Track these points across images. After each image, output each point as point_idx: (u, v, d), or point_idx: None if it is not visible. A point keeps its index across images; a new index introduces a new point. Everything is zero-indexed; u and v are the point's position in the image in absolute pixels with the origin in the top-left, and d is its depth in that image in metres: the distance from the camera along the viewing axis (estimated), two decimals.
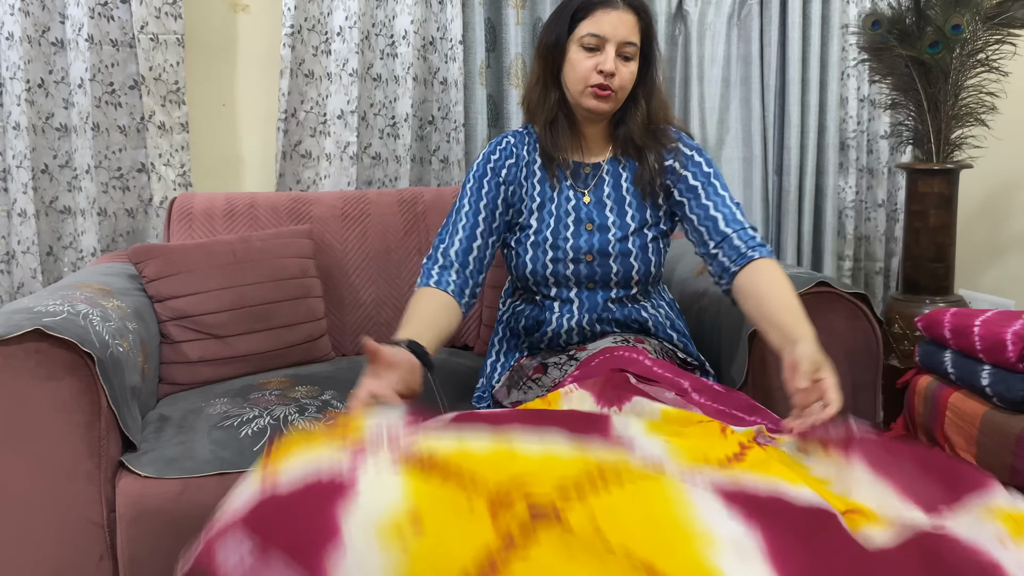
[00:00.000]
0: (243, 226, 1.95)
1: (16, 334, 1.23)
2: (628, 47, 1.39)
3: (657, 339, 1.51)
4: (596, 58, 1.38)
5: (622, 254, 1.45)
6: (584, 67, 1.39)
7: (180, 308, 1.66)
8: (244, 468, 1.33)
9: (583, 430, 0.85)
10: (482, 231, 1.44)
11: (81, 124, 2.11)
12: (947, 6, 2.19)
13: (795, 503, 0.81)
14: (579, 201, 1.48)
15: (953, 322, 1.41)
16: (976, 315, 1.40)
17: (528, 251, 1.47)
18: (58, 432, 1.26)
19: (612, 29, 1.37)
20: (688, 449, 0.92)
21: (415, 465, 0.75)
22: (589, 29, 1.39)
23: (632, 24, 1.39)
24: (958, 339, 1.39)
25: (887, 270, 2.87)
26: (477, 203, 1.46)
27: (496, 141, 1.54)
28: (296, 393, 1.55)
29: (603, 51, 1.38)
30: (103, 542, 1.30)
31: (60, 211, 2.17)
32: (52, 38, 2.11)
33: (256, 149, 2.40)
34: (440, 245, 1.43)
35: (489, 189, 1.47)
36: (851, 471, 0.95)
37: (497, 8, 2.46)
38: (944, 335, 1.43)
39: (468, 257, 1.42)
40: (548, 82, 1.46)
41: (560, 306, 1.48)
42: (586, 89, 1.40)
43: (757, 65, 2.64)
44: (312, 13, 2.27)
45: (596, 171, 1.50)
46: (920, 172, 2.32)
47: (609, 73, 1.38)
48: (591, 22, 1.39)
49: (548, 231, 1.46)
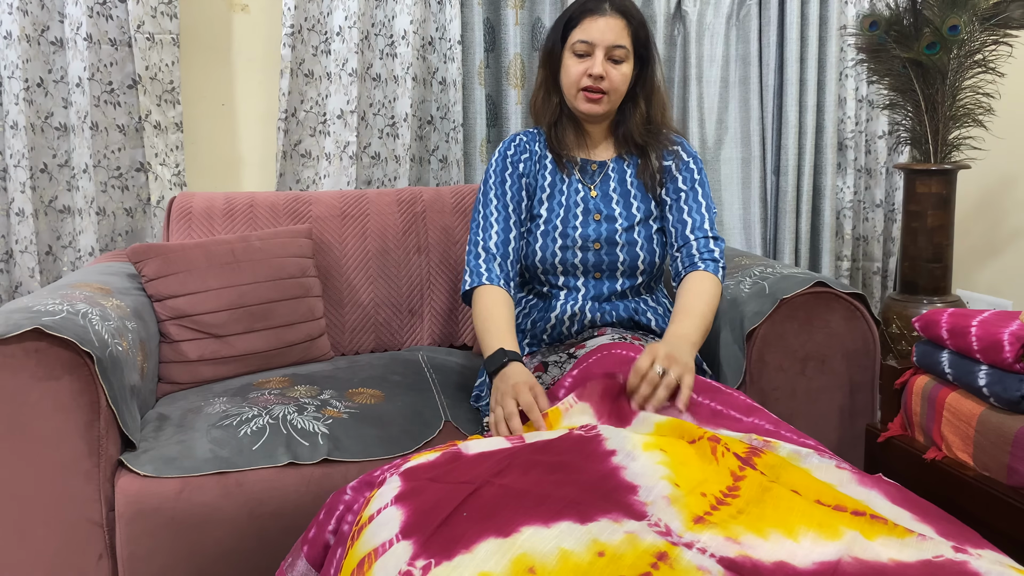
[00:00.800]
0: (242, 225, 1.95)
1: (15, 333, 1.23)
2: (617, 50, 1.49)
3: (657, 337, 1.52)
4: (586, 63, 1.49)
5: (628, 243, 1.54)
6: (575, 72, 1.50)
7: (179, 307, 1.66)
8: (243, 467, 1.33)
9: (592, 513, 0.86)
10: (514, 221, 1.55)
11: (80, 123, 2.11)
12: (944, 7, 2.19)
13: (799, 569, 0.81)
14: (587, 194, 1.57)
15: (950, 323, 1.42)
16: (973, 315, 1.40)
17: (538, 239, 1.55)
18: (57, 431, 1.26)
19: (600, 35, 1.48)
20: (686, 482, 0.94)
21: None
22: (579, 36, 1.49)
23: (620, 28, 1.49)
24: (955, 340, 1.40)
25: (885, 270, 2.88)
26: (504, 196, 1.56)
27: (510, 139, 1.64)
28: (295, 392, 1.55)
29: (593, 56, 1.49)
30: (102, 541, 1.30)
31: (59, 210, 2.17)
32: (51, 37, 2.11)
33: (255, 149, 2.40)
34: (479, 240, 1.53)
35: (512, 182, 1.58)
36: (869, 497, 0.95)
37: (496, 8, 2.47)
38: (941, 335, 1.43)
39: (507, 248, 1.53)
40: (550, 87, 1.58)
41: (566, 294, 1.55)
42: (578, 93, 1.51)
43: (756, 65, 2.65)
44: (312, 13, 2.27)
45: (602, 168, 1.60)
46: (918, 173, 2.33)
47: (597, 76, 1.48)
48: (581, 30, 1.50)
49: (558, 219, 1.55)
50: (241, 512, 1.32)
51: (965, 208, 2.71)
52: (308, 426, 1.41)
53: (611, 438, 1.05)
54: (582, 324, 1.54)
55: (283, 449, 1.36)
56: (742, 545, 0.84)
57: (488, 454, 1.03)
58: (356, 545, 0.91)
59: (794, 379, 1.54)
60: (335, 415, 1.45)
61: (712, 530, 0.86)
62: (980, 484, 1.32)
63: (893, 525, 0.87)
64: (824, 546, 0.83)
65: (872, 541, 0.84)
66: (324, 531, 1.05)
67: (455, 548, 0.82)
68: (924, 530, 0.87)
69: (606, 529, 0.84)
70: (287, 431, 1.39)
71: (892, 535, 0.85)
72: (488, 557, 0.80)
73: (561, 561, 0.79)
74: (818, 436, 1.42)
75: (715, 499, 0.93)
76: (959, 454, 1.39)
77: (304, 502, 1.33)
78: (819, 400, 1.55)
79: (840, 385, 1.56)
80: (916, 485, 1.42)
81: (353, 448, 1.39)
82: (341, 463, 1.37)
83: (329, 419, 1.44)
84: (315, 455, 1.36)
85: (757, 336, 1.51)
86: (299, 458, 1.35)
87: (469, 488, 0.93)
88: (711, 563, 0.80)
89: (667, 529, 0.85)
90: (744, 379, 1.53)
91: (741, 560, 0.81)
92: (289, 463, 1.35)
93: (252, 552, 1.33)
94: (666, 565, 0.79)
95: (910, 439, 1.51)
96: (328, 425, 1.42)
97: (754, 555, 0.82)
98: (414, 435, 1.45)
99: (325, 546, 1.05)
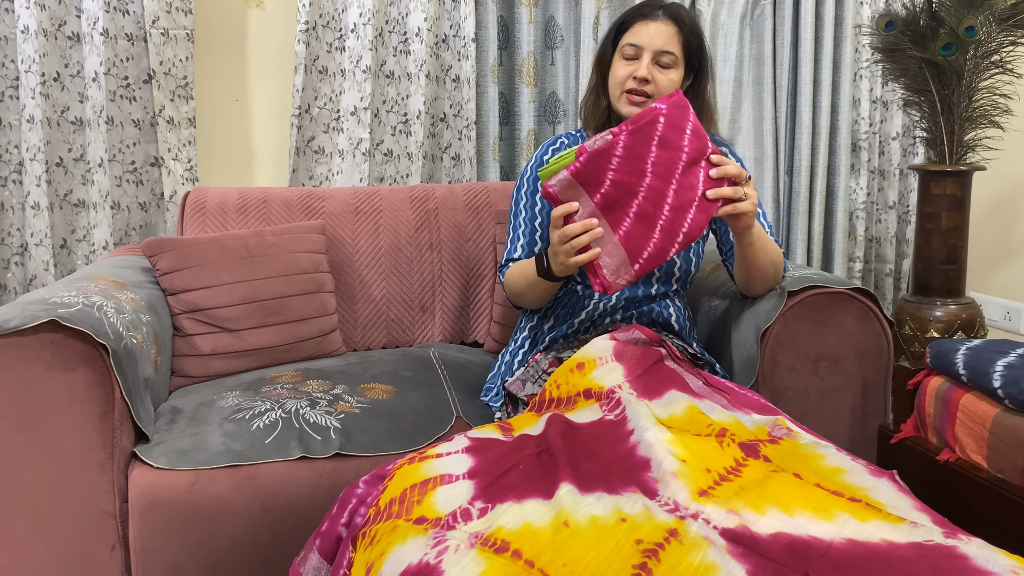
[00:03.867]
0: (256, 221, 1.96)
1: (32, 324, 1.24)
2: (665, 56, 1.49)
3: (681, 339, 1.56)
4: (633, 66, 1.50)
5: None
6: (621, 74, 1.51)
7: (193, 301, 1.67)
8: (255, 460, 1.34)
9: (617, 486, 0.98)
10: (541, 235, 1.58)
11: (95, 118, 2.12)
12: (961, 8, 2.18)
13: (795, 536, 0.87)
14: None
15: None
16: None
17: None
18: (72, 423, 1.27)
19: (649, 39, 1.48)
20: (693, 457, 1.01)
21: (488, 549, 0.87)
22: (628, 40, 1.51)
23: (670, 34, 1.49)
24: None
25: (898, 272, 2.87)
26: (532, 208, 1.59)
27: (550, 142, 1.64)
28: (307, 387, 1.56)
29: (640, 59, 1.49)
30: (115, 532, 1.31)
31: (74, 204, 2.18)
32: (68, 32, 2.12)
33: (269, 144, 2.41)
34: (510, 254, 1.59)
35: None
36: (877, 485, 0.98)
37: (510, 6, 2.47)
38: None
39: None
40: (600, 91, 1.58)
41: (600, 293, 1.54)
42: (622, 95, 1.51)
43: (770, 65, 2.64)
44: (327, 10, 2.27)
45: None
46: (933, 174, 2.31)
47: (642, 79, 1.48)
48: (631, 33, 1.51)
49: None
50: (253, 505, 1.32)
51: (980, 210, 2.69)
52: (320, 420, 1.42)
53: (631, 418, 1.12)
54: (613, 319, 1.55)
55: (295, 443, 1.37)
56: (742, 517, 0.90)
57: (533, 437, 1.14)
58: (419, 467, 1.05)
59: (807, 379, 1.53)
60: (347, 410, 1.46)
61: (715, 503, 0.93)
62: (994, 486, 1.31)
63: (887, 513, 0.90)
64: (818, 525, 0.88)
65: (865, 523, 0.88)
66: (336, 524, 1.06)
67: (508, 497, 0.96)
68: (920, 518, 0.90)
69: (628, 501, 0.95)
70: (299, 425, 1.40)
71: (885, 521, 0.88)
72: (533, 511, 0.93)
73: (591, 522, 0.90)
74: (830, 436, 1.42)
75: (719, 475, 1.00)
76: (973, 456, 1.38)
77: (316, 496, 1.34)
78: (832, 400, 1.55)
79: (853, 386, 1.55)
80: (929, 487, 1.42)
81: (365, 443, 1.39)
82: (353, 457, 1.38)
83: (341, 414, 1.44)
84: (327, 449, 1.37)
85: (770, 336, 1.51)
86: (311, 452, 1.36)
87: (523, 454, 1.06)
88: (714, 534, 0.87)
89: (675, 505, 0.93)
90: (757, 379, 1.52)
91: (741, 530, 0.88)
92: (301, 457, 1.35)
93: (263, 545, 1.33)
94: (676, 541, 0.87)
95: (923, 440, 1.50)
96: (340, 420, 1.42)
97: (753, 528, 0.88)
98: (426, 430, 1.45)
99: (337, 539, 1.05)
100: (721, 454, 1.05)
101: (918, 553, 0.82)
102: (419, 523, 0.93)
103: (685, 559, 0.84)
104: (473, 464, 1.05)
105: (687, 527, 0.89)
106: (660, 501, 0.94)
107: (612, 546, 0.87)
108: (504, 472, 1.02)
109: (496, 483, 0.99)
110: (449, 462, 1.06)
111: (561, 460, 1.03)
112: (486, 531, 0.90)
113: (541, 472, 1.02)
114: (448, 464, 1.05)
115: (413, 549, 0.88)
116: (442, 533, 0.89)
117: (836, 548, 0.84)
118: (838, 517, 0.89)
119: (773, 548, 0.85)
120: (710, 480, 0.98)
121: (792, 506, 0.91)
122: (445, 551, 0.86)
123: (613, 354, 1.30)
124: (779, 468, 1.02)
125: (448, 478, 1.01)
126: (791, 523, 0.89)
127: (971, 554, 0.81)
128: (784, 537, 0.87)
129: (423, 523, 0.92)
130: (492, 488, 0.98)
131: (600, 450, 1.07)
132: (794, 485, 0.97)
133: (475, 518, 0.93)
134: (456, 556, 0.85)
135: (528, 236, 1.58)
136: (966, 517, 1.34)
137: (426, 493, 0.98)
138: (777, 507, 0.91)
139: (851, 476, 1.00)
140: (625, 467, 1.02)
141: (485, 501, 0.96)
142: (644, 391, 1.21)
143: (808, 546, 0.85)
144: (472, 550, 0.86)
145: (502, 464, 1.04)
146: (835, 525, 0.88)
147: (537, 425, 1.17)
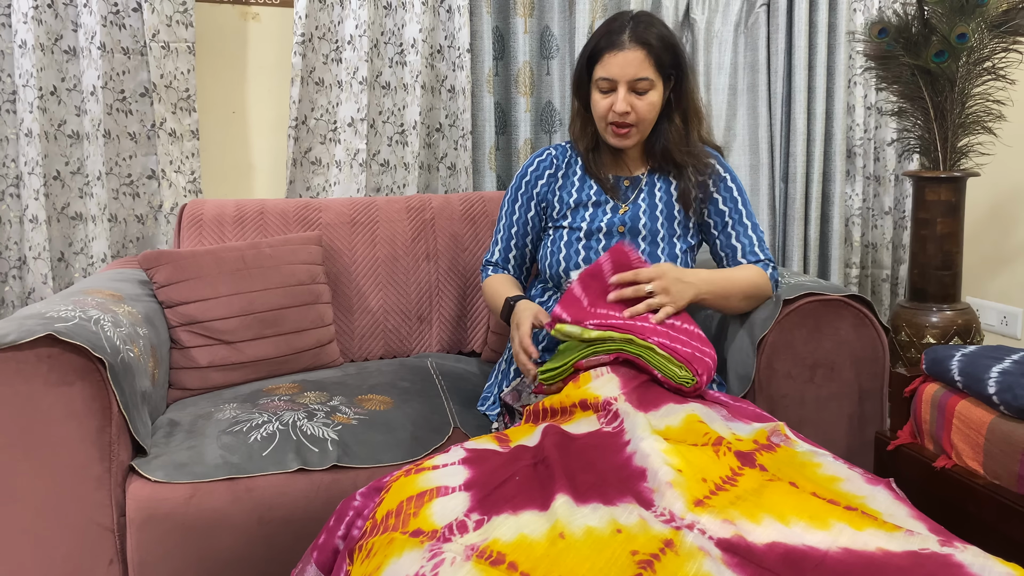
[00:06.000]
0: (253, 232, 1.96)
1: (28, 339, 1.24)
2: (640, 83, 1.49)
3: None
4: (610, 98, 1.50)
5: (649, 258, 1.54)
6: (601, 107, 1.52)
7: (190, 314, 1.67)
8: (253, 473, 1.34)
9: (613, 497, 0.98)
10: (516, 243, 1.69)
11: (93, 131, 2.13)
12: (952, 15, 2.19)
13: (790, 545, 0.88)
14: (616, 208, 1.58)
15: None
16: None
17: (561, 250, 1.57)
18: (69, 437, 1.27)
19: (620, 71, 1.48)
20: (688, 467, 1.02)
21: (484, 561, 0.87)
22: (600, 74, 1.50)
23: (640, 60, 1.48)
24: None
25: (894, 278, 2.87)
26: (511, 216, 1.69)
27: (537, 154, 1.68)
28: (305, 399, 1.56)
29: (616, 92, 1.49)
30: (113, 546, 1.31)
31: (71, 217, 2.19)
32: (65, 46, 2.13)
33: (266, 156, 2.42)
34: (490, 256, 1.73)
35: (522, 203, 1.67)
36: (873, 493, 0.98)
37: (505, 16, 2.48)
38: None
39: (508, 265, 1.72)
40: (584, 116, 1.61)
41: None
42: (607, 127, 1.53)
43: (764, 73, 2.65)
44: (323, 22, 2.28)
45: (635, 184, 1.60)
46: (927, 180, 2.32)
47: (622, 112, 1.49)
48: (601, 67, 1.50)
49: (584, 226, 1.57)
50: (251, 518, 1.33)
51: (976, 215, 2.70)
52: (318, 432, 1.42)
53: (628, 429, 1.13)
54: None
55: (293, 455, 1.37)
56: (738, 527, 0.90)
57: (529, 448, 1.15)
58: (415, 479, 1.06)
59: (803, 387, 1.53)
60: (344, 421, 1.46)
61: (710, 512, 0.93)
62: (990, 492, 1.31)
63: (883, 521, 0.90)
64: (814, 534, 0.88)
65: (861, 532, 0.88)
66: (334, 537, 1.06)
67: (504, 508, 0.97)
68: (916, 526, 0.91)
69: (624, 512, 0.95)
70: (297, 437, 1.40)
71: (881, 529, 0.89)
72: (529, 522, 0.94)
73: (586, 533, 0.91)
74: (827, 444, 1.42)
75: (715, 485, 1.00)
76: (969, 462, 1.38)
77: (313, 508, 1.34)
78: (828, 408, 1.55)
79: (849, 393, 1.56)
80: (926, 493, 1.42)
81: (362, 454, 1.40)
82: (350, 469, 1.38)
83: (339, 425, 1.44)
84: (324, 461, 1.37)
85: (766, 344, 1.51)
86: (309, 464, 1.36)
87: (520, 465, 1.08)
88: (710, 545, 0.88)
89: (671, 515, 0.94)
90: (753, 386, 1.53)
91: (736, 540, 0.89)
92: (299, 469, 1.36)
93: (261, 558, 1.34)
94: (672, 551, 0.88)
95: (920, 447, 1.51)
96: (337, 431, 1.43)
97: (748, 538, 0.89)
98: (423, 441, 1.45)
99: (334, 551, 1.06)
100: (717, 463, 1.05)
101: (914, 562, 0.82)
102: (415, 536, 0.93)
103: (681, 570, 0.84)
104: (469, 476, 1.05)
105: (683, 538, 0.89)
106: (656, 511, 0.95)
107: (607, 557, 0.87)
108: (500, 484, 1.03)
109: (492, 495, 1.00)
110: (445, 474, 1.06)
111: (557, 471, 1.03)
112: (482, 543, 0.90)
113: (537, 483, 1.03)
114: (444, 476, 1.06)
115: (409, 562, 0.88)
116: (438, 546, 0.90)
117: (832, 557, 0.85)
118: (834, 526, 0.89)
119: (768, 558, 0.85)
120: (706, 490, 0.99)
121: (788, 515, 0.92)
122: (441, 564, 0.86)
123: (609, 366, 1.30)
124: (775, 477, 1.02)
125: (444, 490, 1.02)
126: (787, 532, 0.89)
127: (967, 562, 0.81)
128: (780, 547, 0.87)
129: (419, 535, 0.93)
130: (488, 500, 0.99)
131: (596, 461, 1.07)
132: (790, 494, 0.97)
133: (471, 530, 0.93)
134: (452, 569, 0.85)
135: (504, 243, 1.70)
136: (963, 523, 1.34)
137: (422, 505, 0.99)
138: (773, 516, 0.92)
139: (847, 484, 1.00)
140: (621, 477, 1.02)
141: (481, 513, 0.96)
142: (640, 403, 1.22)
143: (804, 555, 0.85)
144: (468, 563, 0.87)
145: (498, 475, 1.05)
146: (831, 534, 0.88)
147: (533, 436, 1.17)
